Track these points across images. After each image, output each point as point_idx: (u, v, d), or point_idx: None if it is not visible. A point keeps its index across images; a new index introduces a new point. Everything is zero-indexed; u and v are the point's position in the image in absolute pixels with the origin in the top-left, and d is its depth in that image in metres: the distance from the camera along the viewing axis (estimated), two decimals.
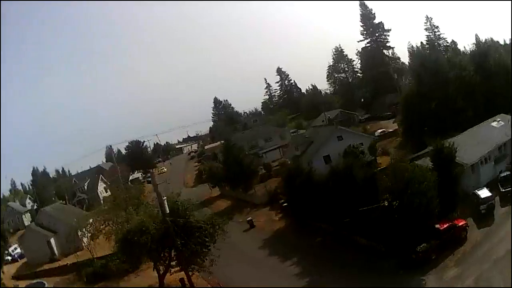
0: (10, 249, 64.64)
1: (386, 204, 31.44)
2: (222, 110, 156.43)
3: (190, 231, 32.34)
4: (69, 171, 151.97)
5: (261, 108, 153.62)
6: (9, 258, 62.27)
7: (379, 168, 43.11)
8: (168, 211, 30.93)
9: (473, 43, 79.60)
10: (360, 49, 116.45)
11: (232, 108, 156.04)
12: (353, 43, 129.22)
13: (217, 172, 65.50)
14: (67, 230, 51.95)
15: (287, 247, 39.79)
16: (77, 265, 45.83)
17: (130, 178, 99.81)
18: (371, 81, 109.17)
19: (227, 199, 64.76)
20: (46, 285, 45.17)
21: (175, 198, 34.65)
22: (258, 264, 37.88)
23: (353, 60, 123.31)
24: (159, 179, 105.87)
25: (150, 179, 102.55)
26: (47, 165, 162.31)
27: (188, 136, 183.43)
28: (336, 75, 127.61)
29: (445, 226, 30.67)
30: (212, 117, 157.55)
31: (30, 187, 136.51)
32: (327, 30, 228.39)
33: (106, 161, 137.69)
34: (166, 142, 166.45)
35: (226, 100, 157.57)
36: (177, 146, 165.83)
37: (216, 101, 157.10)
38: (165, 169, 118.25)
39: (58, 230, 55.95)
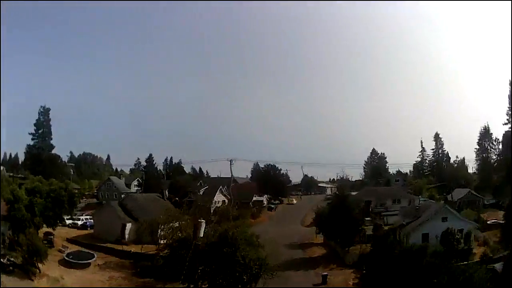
0: (83, 217, 69.23)
1: None
2: (376, 161, 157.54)
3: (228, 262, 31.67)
4: (207, 172, 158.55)
5: (411, 171, 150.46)
6: (78, 223, 66.22)
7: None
8: (201, 236, 29.13)
9: None
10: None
11: (386, 162, 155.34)
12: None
13: (325, 220, 62.77)
14: (148, 221, 51.97)
15: None
16: (136, 256, 46.29)
17: (254, 199, 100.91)
18: (506, 167, 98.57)
19: (325, 248, 61.14)
20: (95, 258, 46.61)
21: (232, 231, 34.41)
22: None
23: (499, 142, 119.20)
24: (284, 208, 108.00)
25: (273, 205, 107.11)
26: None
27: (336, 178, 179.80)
28: (483, 155, 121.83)
29: None
30: (364, 166, 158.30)
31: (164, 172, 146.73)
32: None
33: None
34: (311, 177, 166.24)
35: (383, 153, 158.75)
36: (319, 185, 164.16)
37: (374, 152, 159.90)
38: (295, 201, 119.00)
39: (138, 217, 55.90)
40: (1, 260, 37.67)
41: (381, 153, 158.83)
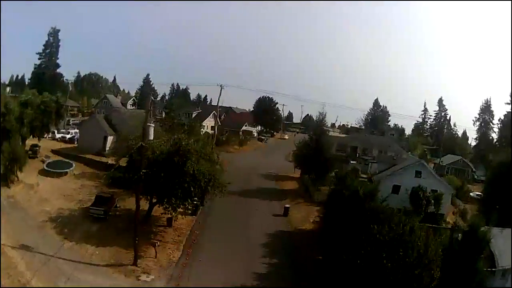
0: (73, 131, 70.49)
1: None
2: (379, 112, 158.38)
3: (178, 172, 32.56)
4: (206, 96, 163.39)
5: (412, 130, 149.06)
6: (67, 136, 67.69)
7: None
8: (151, 139, 29.75)
9: None
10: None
11: (389, 115, 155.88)
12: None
13: (301, 154, 64.48)
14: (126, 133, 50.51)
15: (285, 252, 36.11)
16: (109, 166, 45.96)
17: (243, 128, 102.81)
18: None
19: (299, 183, 63.40)
20: (73, 168, 48.97)
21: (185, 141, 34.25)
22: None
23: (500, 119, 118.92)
24: (275, 142, 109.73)
25: (264, 137, 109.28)
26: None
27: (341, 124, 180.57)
28: (483, 130, 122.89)
29: None
30: (366, 116, 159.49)
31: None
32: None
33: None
34: (311, 116, 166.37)
35: (386, 106, 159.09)
36: None
37: (376, 103, 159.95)
38: (287, 137, 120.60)
39: (120, 131, 54.57)
40: None
41: (383, 106, 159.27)
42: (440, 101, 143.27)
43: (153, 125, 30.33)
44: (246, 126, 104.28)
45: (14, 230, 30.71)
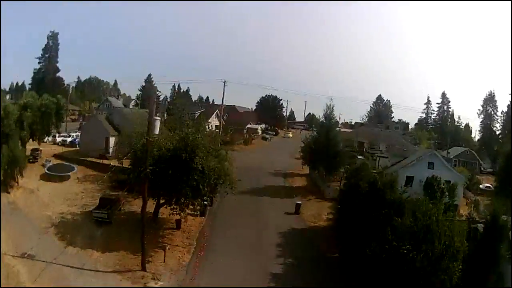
0: (74, 134, 68.79)
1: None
2: (383, 107, 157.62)
3: (186, 169, 30.75)
4: (208, 97, 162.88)
5: (416, 123, 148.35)
6: (68, 140, 65.70)
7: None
8: (156, 132, 27.62)
9: None
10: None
11: (392, 111, 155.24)
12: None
13: (310, 150, 62.75)
14: (127, 133, 47.09)
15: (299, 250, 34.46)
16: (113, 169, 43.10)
17: (248, 126, 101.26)
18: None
19: (308, 179, 61.82)
20: (75, 171, 47.36)
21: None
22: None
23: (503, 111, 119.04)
24: (280, 140, 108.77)
25: (268, 136, 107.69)
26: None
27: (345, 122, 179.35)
28: (487, 122, 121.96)
29: None
30: (368, 112, 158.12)
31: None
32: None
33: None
34: (313, 114, 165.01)
35: (389, 101, 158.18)
36: None
37: (379, 98, 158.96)
38: (291, 135, 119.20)
39: (123, 132, 50.90)
40: None
41: (387, 100, 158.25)
42: (443, 94, 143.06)
43: (159, 118, 28.27)
44: (250, 124, 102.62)
45: (15, 237, 29.12)
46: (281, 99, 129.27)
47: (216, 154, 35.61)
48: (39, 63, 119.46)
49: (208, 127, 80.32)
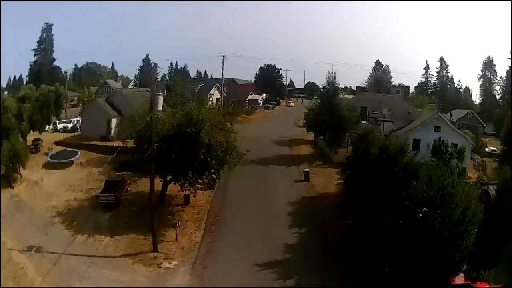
0: (75, 119, 67.33)
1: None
2: (380, 74, 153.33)
3: (192, 144, 30.17)
4: (206, 72, 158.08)
5: (415, 87, 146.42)
6: (69, 125, 64.96)
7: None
8: (160, 109, 27.34)
9: None
10: None
11: (390, 76, 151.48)
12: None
13: (313, 118, 61.69)
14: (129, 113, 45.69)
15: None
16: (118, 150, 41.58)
17: (249, 97, 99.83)
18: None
19: (313, 146, 60.88)
20: (78, 156, 46.52)
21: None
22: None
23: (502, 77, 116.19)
24: (282, 109, 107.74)
25: (270, 105, 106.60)
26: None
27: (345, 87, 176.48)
28: (487, 85, 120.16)
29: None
30: (368, 78, 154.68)
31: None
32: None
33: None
34: (313, 82, 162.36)
35: (388, 66, 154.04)
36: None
37: (378, 63, 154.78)
38: (292, 104, 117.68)
39: (124, 113, 49.89)
40: None
41: (386, 65, 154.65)
42: (442, 59, 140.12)
43: (162, 94, 27.23)
44: (252, 95, 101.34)
45: (21, 231, 28.53)
46: (280, 69, 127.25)
47: (221, 126, 34.83)
48: (34, 55, 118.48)
49: (210, 101, 79.48)
